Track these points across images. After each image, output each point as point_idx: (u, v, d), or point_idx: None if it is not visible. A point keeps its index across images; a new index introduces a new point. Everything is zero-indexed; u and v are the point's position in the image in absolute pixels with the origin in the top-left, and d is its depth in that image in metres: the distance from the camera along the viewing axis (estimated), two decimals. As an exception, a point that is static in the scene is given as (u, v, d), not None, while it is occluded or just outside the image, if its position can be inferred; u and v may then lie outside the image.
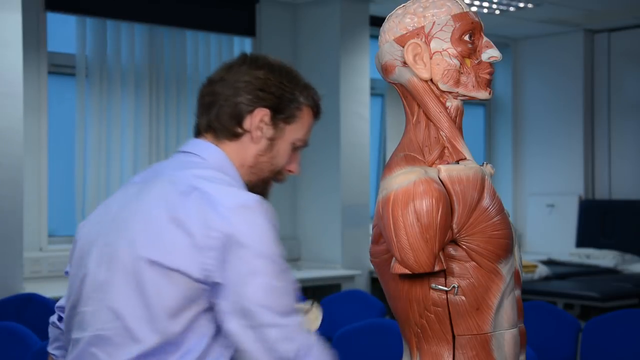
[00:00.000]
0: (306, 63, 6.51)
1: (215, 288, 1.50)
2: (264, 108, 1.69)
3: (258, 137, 1.70)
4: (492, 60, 1.60)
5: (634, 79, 7.58)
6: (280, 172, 1.75)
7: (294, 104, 1.72)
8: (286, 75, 1.74)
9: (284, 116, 1.71)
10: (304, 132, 1.76)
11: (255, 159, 1.71)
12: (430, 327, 1.54)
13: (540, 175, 7.94)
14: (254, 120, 1.69)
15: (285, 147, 1.73)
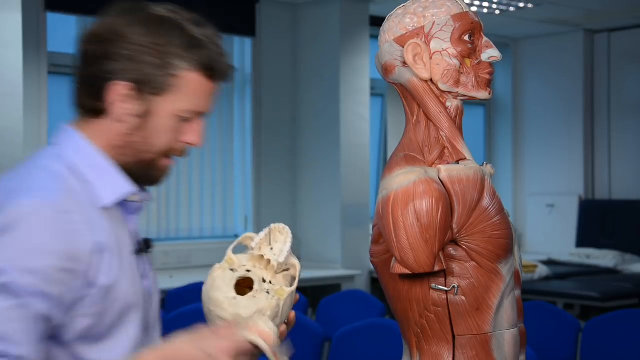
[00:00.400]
0: (306, 63, 6.52)
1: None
2: (122, 81, 1.37)
3: (120, 115, 1.38)
4: (492, 60, 1.60)
5: (634, 79, 7.58)
6: (171, 149, 1.43)
7: (164, 70, 1.38)
8: (156, 32, 1.39)
9: (151, 88, 1.38)
10: (192, 102, 1.41)
11: (124, 139, 1.40)
12: (430, 327, 1.54)
13: (540, 175, 7.94)
14: (111, 96, 1.37)
15: (163, 122, 1.40)
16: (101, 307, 1.33)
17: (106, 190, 1.38)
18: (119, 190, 1.40)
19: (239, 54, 6.45)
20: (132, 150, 1.41)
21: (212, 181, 6.24)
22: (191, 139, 1.44)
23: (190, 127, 1.43)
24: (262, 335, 1.29)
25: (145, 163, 1.42)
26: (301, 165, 6.54)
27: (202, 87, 1.42)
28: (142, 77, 1.37)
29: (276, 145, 6.50)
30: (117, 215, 1.41)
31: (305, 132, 6.53)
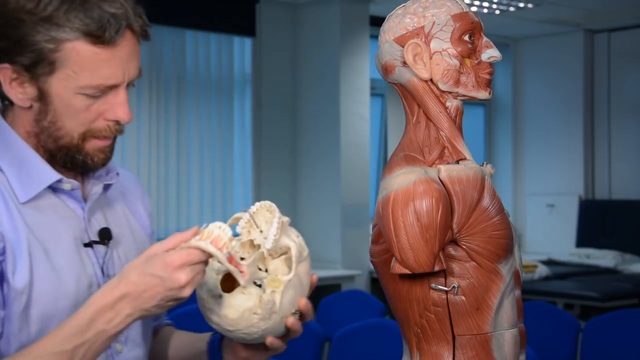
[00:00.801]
0: (306, 63, 6.52)
1: None
2: (3, 63, 1.24)
3: (17, 100, 1.26)
4: (492, 60, 1.60)
5: (634, 79, 7.58)
6: (91, 130, 1.27)
7: (43, 45, 1.21)
8: (20, 2, 1.21)
9: (36, 67, 1.22)
10: (89, 76, 1.22)
11: (37, 125, 1.27)
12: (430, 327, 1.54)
13: (540, 175, 7.94)
14: (3, 82, 1.26)
15: (66, 103, 1.24)
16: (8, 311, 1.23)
17: (22, 185, 1.27)
18: (39, 182, 1.28)
19: (239, 54, 6.45)
20: (48, 137, 1.28)
21: (212, 181, 6.24)
22: (115, 116, 1.27)
23: (111, 103, 1.27)
24: (215, 241, 1.16)
25: (67, 148, 1.28)
26: (301, 165, 6.55)
27: (95, 57, 1.22)
28: (21, 57, 1.22)
29: (276, 146, 6.50)
30: (54, 207, 1.31)
31: (305, 132, 6.53)
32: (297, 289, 1.26)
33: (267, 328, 1.26)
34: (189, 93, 6.02)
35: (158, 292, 1.15)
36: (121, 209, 1.45)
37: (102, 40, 1.22)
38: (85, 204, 1.34)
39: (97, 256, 1.34)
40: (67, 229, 1.31)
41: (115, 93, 1.27)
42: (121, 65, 1.25)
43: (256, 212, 1.27)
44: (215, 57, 6.25)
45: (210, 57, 6.21)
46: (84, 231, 1.33)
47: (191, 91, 6.06)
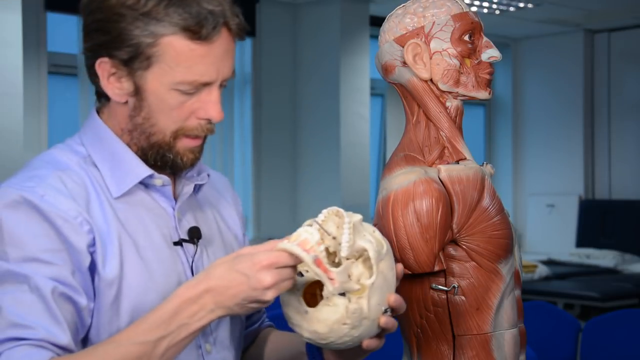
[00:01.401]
0: (306, 63, 6.52)
1: None
2: (103, 57, 1.27)
3: (114, 95, 1.29)
4: (492, 60, 1.60)
5: (634, 79, 7.58)
6: (183, 128, 1.29)
7: (136, 40, 1.23)
8: (125, 3, 1.23)
9: (133, 62, 1.25)
10: (184, 72, 1.24)
11: (131, 122, 1.30)
12: (430, 327, 1.54)
13: (540, 175, 7.94)
14: (100, 76, 1.28)
15: (160, 99, 1.26)
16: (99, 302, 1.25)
17: (115, 180, 1.30)
18: (131, 177, 1.30)
19: (239, 54, 6.45)
20: (141, 134, 1.29)
21: (212, 181, 6.23)
22: (206, 114, 1.28)
23: (204, 101, 1.28)
24: (302, 244, 1.15)
25: (159, 146, 1.29)
26: (301, 166, 6.55)
27: (191, 52, 1.24)
28: (120, 51, 1.24)
29: (276, 145, 6.50)
30: (145, 204, 1.32)
31: (305, 132, 6.53)
32: (383, 288, 1.22)
33: (360, 334, 1.22)
34: (189, 93, 6.03)
35: (241, 291, 1.15)
36: (211, 212, 1.45)
37: (199, 36, 1.23)
38: (175, 202, 1.36)
39: (186, 255, 1.35)
40: (157, 226, 1.32)
41: (208, 91, 1.28)
42: (216, 62, 1.26)
43: (324, 220, 1.21)
44: (215, 57, 6.25)
45: (210, 57, 6.21)
46: (174, 229, 1.34)
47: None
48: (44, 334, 1.16)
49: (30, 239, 1.19)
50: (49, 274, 1.18)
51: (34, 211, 1.20)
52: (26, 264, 1.18)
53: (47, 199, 1.21)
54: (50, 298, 1.17)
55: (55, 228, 1.21)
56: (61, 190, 1.24)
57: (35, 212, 1.20)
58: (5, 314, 1.16)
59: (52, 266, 1.19)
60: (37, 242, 1.19)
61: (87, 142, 1.33)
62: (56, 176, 1.25)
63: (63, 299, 1.19)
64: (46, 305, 1.17)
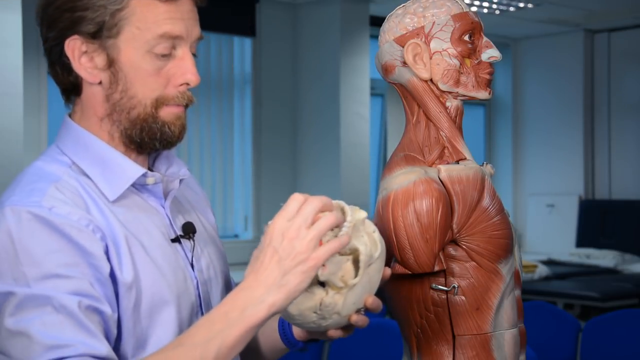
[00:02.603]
0: (306, 63, 6.52)
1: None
2: (71, 37, 1.25)
3: (87, 75, 1.27)
4: (492, 60, 1.60)
5: (634, 79, 7.58)
6: (163, 97, 1.28)
7: (103, 9, 1.24)
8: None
9: (101, 32, 1.24)
10: (155, 27, 1.25)
11: (108, 105, 1.28)
12: (430, 327, 1.54)
13: (540, 175, 7.94)
14: (70, 59, 1.26)
15: (136, 65, 1.26)
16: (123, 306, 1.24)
17: (108, 183, 1.27)
18: (125, 179, 1.28)
19: (239, 54, 6.45)
20: (121, 114, 1.27)
21: (212, 181, 6.24)
22: (183, 79, 1.29)
23: (178, 66, 1.29)
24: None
25: (143, 120, 1.27)
26: (301, 165, 6.55)
27: (157, 9, 1.25)
28: (88, 24, 1.24)
29: (276, 145, 6.50)
30: (139, 205, 1.31)
31: (305, 132, 6.53)
32: (365, 288, 1.22)
33: (328, 325, 1.24)
34: (189, 93, 6.03)
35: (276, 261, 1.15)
36: (190, 207, 1.45)
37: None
38: (164, 201, 1.35)
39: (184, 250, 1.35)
40: (155, 225, 1.31)
41: (181, 55, 1.29)
42: (183, 19, 1.28)
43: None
44: (215, 57, 6.25)
45: (210, 57, 6.21)
46: (169, 227, 1.34)
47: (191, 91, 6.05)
48: (83, 348, 1.13)
49: (46, 255, 1.17)
50: (70, 289, 1.16)
51: (46, 226, 1.18)
52: (45, 282, 1.15)
53: (56, 211, 1.19)
54: (78, 312, 1.15)
55: (70, 240, 1.18)
56: (65, 200, 1.22)
57: (48, 226, 1.18)
58: (37, 340, 1.13)
59: (71, 280, 1.17)
60: (54, 257, 1.17)
61: (70, 151, 1.30)
62: (54, 187, 1.23)
63: (90, 311, 1.17)
64: (76, 321, 1.15)
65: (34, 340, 1.13)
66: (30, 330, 1.14)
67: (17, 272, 1.16)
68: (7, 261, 1.16)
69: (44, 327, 1.14)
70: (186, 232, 1.36)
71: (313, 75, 6.47)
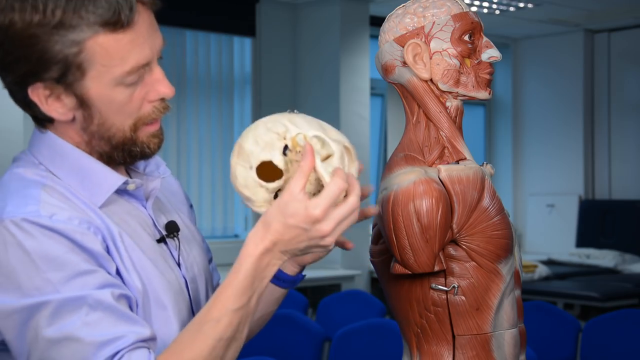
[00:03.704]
0: (306, 63, 6.52)
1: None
2: (33, 84, 1.20)
3: (59, 116, 1.22)
4: (492, 60, 1.60)
5: (634, 79, 7.58)
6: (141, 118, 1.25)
7: (61, 55, 1.16)
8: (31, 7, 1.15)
9: (64, 77, 1.18)
10: (120, 66, 1.19)
11: (85, 133, 1.24)
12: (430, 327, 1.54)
13: (540, 175, 7.94)
14: (37, 103, 1.22)
15: (108, 100, 1.20)
16: None
17: (89, 192, 1.25)
18: (106, 187, 1.26)
19: (239, 54, 6.45)
20: (100, 140, 1.24)
21: (212, 181, 6.24)
22: (158, 94, 1.25)
23: (150, 83, 1.24)
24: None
25: (122, 144, 1.25)
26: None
27: (119, 43, 1.18)
28: (46, 73, 1.18)
29: (276, 145, 6.50)
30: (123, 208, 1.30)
31: (305, 132, 6.53)
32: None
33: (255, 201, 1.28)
34: (189, 93, 6.02)
35: (303, 241, 1.19)
36: (168, 202, 1.45)
37: (120, 24, 1.17)
38: (146, 202, 1.35)
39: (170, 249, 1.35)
40: (141, 226, 1.31)
41: (150, 72, 1.24)
42: (146, 41, 1.22)
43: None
44: (215, 57, 6.25)
45: (210, 57, 6.21)
46: (153, 227, 1.33)
47: (191, 91, 6.05)
48: (133, 336, 1.14)
49: (64, 257, 1.16)
50: (98, 283, 1.16)
51: (52, 232, 1.16)
52: (73, 282, 1.15)
53: (57, 217, 1.18)
54: (114, 304, 1.16)
55: (77, 244, 1.18)
56: (60, 205, 1.21)
57: (54, 233, 1.17)
58: (87, 340, 1.13)
59: (95, 273, 1.17)
60: (72, 257, 1.16)
61: (45, 160, 1.27)
62: (44, 192, 1.22)
63: (121, 298, 1.18)
64: (115, 312, 1.15)
65: (84, 342, 1.13)
66: (75, 333, 1.13)
67: (41, 280, 1.14)
68: (26, 273, 1.15)
69: (88, 327, 1.13)
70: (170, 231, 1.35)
71: (313, 75, 6.47)
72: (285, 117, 1.25)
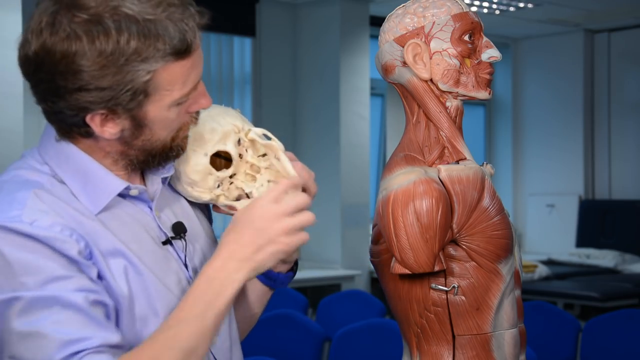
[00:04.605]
0: (306, 63, 6.52)
1: None
2: (92, 112, 1.20)
3: (112, 135, 1.23)
4: (492, 60, 1.60)
5: (634, 79, 7.58)
6: (181, 129, 1.29)
7: (131, 85, 1.18)
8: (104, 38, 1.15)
9: (129, 104, 1.20)
10: (179, 90, 1.22)
11: (126, 145, 1.26)
12: (430, 327, 1.54)
13: (540, 175, 7.94)
14: (94, 127, 1.22)
15: (162, 119, 1.24)
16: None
17: (90, 197, 1.26)
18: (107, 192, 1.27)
19: (239, 54, 6.44)
20: (140, 152, 1.27)
21: (212, 181, 6.24)
22: (199, 106, 1.29)
23: (194, 97, 1.27)
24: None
25: (161, 152, 1.28)
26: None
27: (182, 69, 1.21)
28: (112, 101, 1.18)
29: (276, 145, 6.50)
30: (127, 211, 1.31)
31: (305, 132, 6.53)
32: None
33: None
34: (189, 93, 6.04)
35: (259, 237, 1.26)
36: (185, 202, 1.45)
37: (189, 51, 1.20)
38: (152, 203, 1.35)
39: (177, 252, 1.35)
40: (144, 229, 1.31)
41: (196, 89, 1.27)
42: (201, 61, 1.25)
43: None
44: (215, 57, 6.25)
45: (210, 57, 6.21)
46: (158, 229, 1.34)
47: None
48: (98, 340, 1.15)
49: (41, 263, 1.17)
50: (73, 287, 1.17)
51: (30, 240, 1.18)
52: (48, 285, 1.16)
53: (38, 224, 1.18)
54: (86, 307, 1.17)
55: (55, 250, 1.18)
56: (46, 210, 1.21)
57: (32, 240, 1.18)
58: (52, 337, 1.14)
59: (72, 279, 1.18)
60: (48, 264, 1.17)
61: (51, 161, 1.28)
62: (35, 196, 1.22)
63: (95, 304, 1.19)
64: (86, 315, 1.16)
65: (49, 339, 1.14)
66: (42, 329, 1.15)
67: (16, 283, 1.16)
68: (3, 274, 1.17)
69: (56, 325, 1.15)
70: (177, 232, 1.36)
71: (313, 75, 6.47)
72: (235, 112, 1.41)
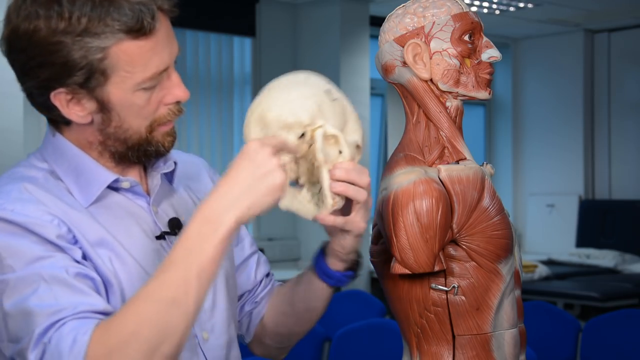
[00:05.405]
0: (306, 63, 6.52)
1: None
2: (55, 89, 1.24)
3: (77, 119, 1.26)
4: (492, 60, 1.60)
5: (634, 79, 7.58)
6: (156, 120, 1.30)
7: (86, 61, 1.21)
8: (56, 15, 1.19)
9: (88, 82, 1.22)
10: (141, 72, 1.23)
11: (101, 134, 1.29)
12: (430, 327, 1.54)
13: (540, 175, 7.94)
14: (57, 106, 1.25)
15: (128, 104, 1.25)
16: None
17: (82, 190, 1.30)
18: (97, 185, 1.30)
19: (239, 54, 6.45)
20: (115, 141, 1.29)
21: (212, 181, 6.24)
22: (174, 97, 1.30)
23: (166, 87, 1.29)
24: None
25: (138, 144, 1.30)
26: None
27: (141, 50, 1.22)
28: (69, 78, 1.22)
29: (276, 145, 6.50)
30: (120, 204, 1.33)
31: (305, 132, 6.53)
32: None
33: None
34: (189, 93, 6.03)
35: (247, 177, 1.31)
36: (189, 197, 1.46)
37: (143, 32, 1.22)
38: (149, 197, 1.36)
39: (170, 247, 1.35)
40: (137, 223, 1.33)
41: (167, 76, 1.29)
42: (165, 47, 1.26)
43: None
44: (215, 57, 6.25)
45: (210, 57, 6.21)
46: (153, 224, 1.35)
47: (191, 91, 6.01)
48: (82, 307, 1.16)
49: (25, 246, 1.20)
50: (56, 264, 1.19)
51: (10, 225, 1.21)
52: (32, 265, 1.19)
53: (18, 211, 1.21)
54: (69, 278, 1.18)
55: (38, 235, 1.21)
56: (28, 199, 1.24)
57: (13, 225, 1.21)
58: (37, 312, 1.16)
59: (54, 257, 1.20)
60: (32, 247, 1.20)
61: (49, 158, 1.33)
62: (21, 187, 1.26)
63: (80, 276, 1.20)
64: (69, 286, 1.18)
65: (34, 313, 1.16)
66: (27, 306, 1.17)
67: (3, 266, 1.19)
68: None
69: (39, 300, 1.17)
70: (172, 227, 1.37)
71: (313, 75, 6.47)
72: (318, 98, 1.35)
